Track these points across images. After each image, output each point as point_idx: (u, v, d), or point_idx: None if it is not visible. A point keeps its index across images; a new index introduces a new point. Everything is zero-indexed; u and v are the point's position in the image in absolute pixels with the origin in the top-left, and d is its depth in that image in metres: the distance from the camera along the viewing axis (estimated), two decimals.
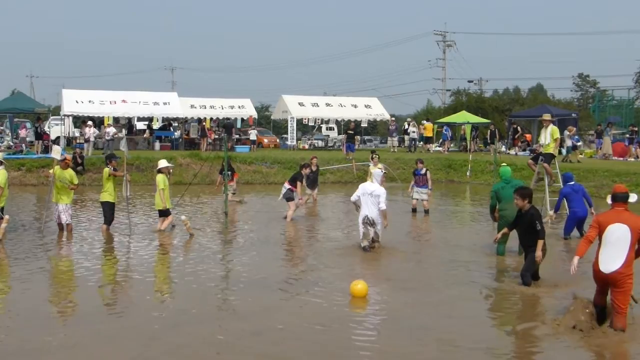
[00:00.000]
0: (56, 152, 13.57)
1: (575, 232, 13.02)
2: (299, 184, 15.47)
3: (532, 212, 9.06)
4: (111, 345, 6.57)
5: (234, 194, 18.11)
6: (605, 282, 7.14)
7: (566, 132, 29.02)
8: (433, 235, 13.84)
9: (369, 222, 11.18)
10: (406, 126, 35.83)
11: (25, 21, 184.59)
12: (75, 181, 12.91)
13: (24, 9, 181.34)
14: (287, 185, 15.46)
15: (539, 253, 8.79)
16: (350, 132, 30.27)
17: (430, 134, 36.01)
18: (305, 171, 16.16)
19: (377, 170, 12.18)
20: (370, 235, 11.29)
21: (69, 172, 12.90)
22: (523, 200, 9.10)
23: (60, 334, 6.97)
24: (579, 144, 30.04)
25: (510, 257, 10.88)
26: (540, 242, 8.80)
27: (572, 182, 13.38)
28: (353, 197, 11.55)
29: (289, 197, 15.32)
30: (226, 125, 34.43)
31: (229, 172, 17.57)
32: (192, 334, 6.90)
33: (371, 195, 11.19)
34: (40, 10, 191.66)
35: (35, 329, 7.05)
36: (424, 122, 37.16)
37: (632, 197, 7.52)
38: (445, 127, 36.15)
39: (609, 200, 7.46)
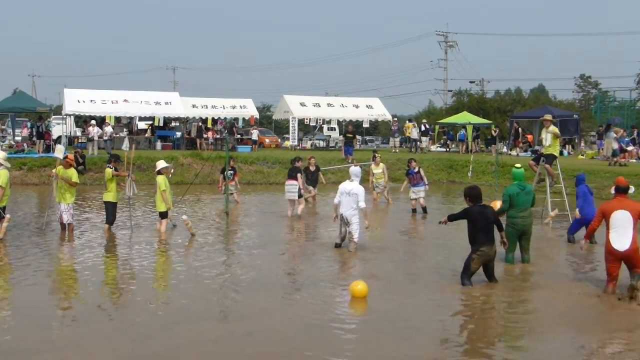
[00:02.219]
0: (59, 152, 13.58)
1: (579, 236, 12.51)
2: (299, 176, 15.55)
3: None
4: (103, 345, 6.56)
5: (231, 194, 18.04)
6: (619, 259, 8.50)
7: (612, 134, 27.54)
8: (433, 237, 13.81)
9: (344, 221, 11.30)
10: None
11: (27, 20, 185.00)
12: (75, 179, 12.88)
13: (26, 8, 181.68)
14: (290, 182, 15.56)
15: (443, 218, 9.60)
16: (348, 135, 29.26)
17: (409, 134, 36.80)
18: (299, 164, 16.21)
19: (354, 168, 12.03)
20: (343, 234, 11.45)
21: (71, 171, 12.90)
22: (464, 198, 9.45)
23: (55, 333, 6.95)
24: (629, 147, 28.34)
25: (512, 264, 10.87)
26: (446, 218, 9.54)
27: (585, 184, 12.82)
28: (335, 200, 11.56)
29: (299, 195, 15.53)
30: (229, 125, 34.64)
31: (231, 172, 17.60)
32: (185, 334, 6.88)
33: (349, 194, 11.20)
34: (42, 9, 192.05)
35: (31, 329, 7.04)
36: (407, 122, 37.60)
37: (631, 189, 9.17)
38: (465, 130, 36.22)
39: (612, 190, 8.94)
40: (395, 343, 6.78)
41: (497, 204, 11.89)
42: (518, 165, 11.50)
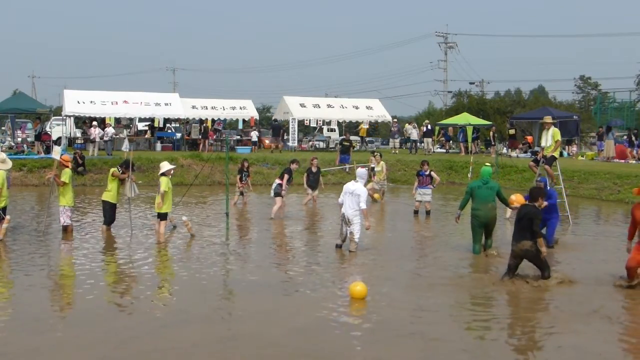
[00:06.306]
0: (56, 153, 13.56)
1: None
2: (285, 176, 15.69)
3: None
4: (83, 349, 6.48)
5: (242, 194, 18.12)
6: None
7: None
8: (433, 237, 13.80)
9: (345, 221, 11.34)
10: (409, 129, 35.93)
11: (27, 21, 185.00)
12: (63, 178, 12.76)
13: (26, 9, 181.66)
14: (277, 180, 15.88)
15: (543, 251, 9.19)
16: (345, 143, 28.45)
17: (364, 134, 38.18)
18: (293, 166, 16.33)
19: (361, 169, 12.11)
20: (344, 235, 11.47)
21: (64, 171, 12.87)
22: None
23: (42, 336, 6.89)
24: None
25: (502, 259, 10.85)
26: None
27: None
28: (340, 200, 11.66)
29: (277, 193, 15.62)
30: (274, 127, 34.71)
31: (246, 174, 17.82)
32: (169, 338, 6.83)
33: (352, 194, 11.29)
34: (42, 10, 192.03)
35: (19, 332, 6.99)
36: (407, 124, 37.98)
37: None
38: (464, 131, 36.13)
39: None
40: (394, 346, 6.77)
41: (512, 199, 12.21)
42: (488, 164, 12.32)
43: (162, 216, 13.05)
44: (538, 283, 9.12)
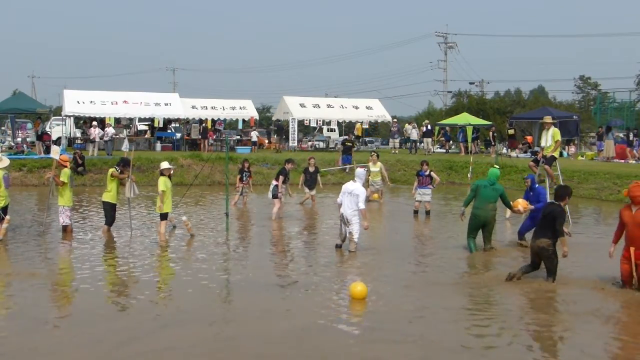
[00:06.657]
0: (55, 153, 13.56)
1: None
2: (280, 178, 15.66)
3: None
4: (82, 349, 6.48)
5: (241, 194, 18.06)
6: None
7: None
8: (432, 237, 13.82)
9: (344, 221, 11.37)
10: (409, 129, 35.93)
11: (27, 21, 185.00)
12: (62, 178, 12.77)
13: (25, 9, 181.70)
14: (273, 182, 15.83)
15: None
16: (348, 143, 28.13)
17: (360, 134, 37.97)
18: (288, 166, 16.24)
19: (360, 170, 12.12)
20: (344, 235, 11.50)
21: (62, 171, 12.87)
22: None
23: (41, 336, 6.89)
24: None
25: (501, 256, 10.86)
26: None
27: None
28: (338, 199, 11.67)
29: (274, 195, 15.60)
30: (279, 127, 34.74)
31: (247, 174, 17.76)
32: (168, 338, 6.82)
33: (350, 194, 11.31)
34: (42, 10, 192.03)
35: (19, 332, 6.98)
36: (407, 124, 38.11)
37: None
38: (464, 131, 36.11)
39: None
40: (393, 347, 6.77)
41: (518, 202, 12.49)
42: (496, 166, 12.52)
43: (163, 216, 13.04)
44: (538, 284, 9.12)
